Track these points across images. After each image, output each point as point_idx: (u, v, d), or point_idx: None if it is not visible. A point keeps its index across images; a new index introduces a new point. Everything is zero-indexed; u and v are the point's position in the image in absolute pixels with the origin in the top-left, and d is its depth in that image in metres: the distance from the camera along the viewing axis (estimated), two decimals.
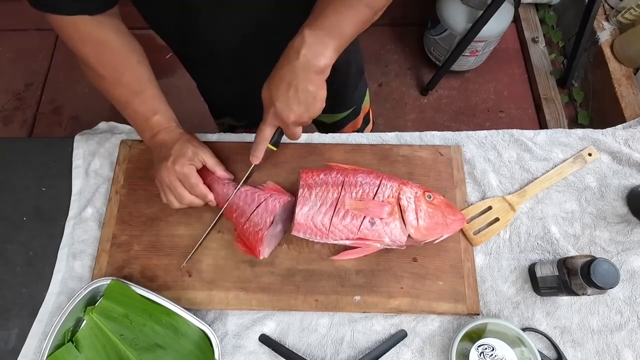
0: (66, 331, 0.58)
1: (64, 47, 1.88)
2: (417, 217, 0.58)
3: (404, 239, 0.58)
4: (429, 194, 0.60)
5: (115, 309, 0.59)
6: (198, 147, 0.61)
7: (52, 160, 0.73)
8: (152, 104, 0.61)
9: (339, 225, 0.58)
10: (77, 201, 0.70)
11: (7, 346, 0.62)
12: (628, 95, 1.46)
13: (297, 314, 0.62)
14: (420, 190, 0.60)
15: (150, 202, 0.68)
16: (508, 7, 1.50)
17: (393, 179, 0.61)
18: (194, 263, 0.64)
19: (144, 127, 0.62)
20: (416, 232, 0.58)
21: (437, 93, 1.77)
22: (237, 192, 0.63)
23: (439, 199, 0.61)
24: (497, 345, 0.56)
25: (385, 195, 0.59)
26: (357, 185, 0.60)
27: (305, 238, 0.60)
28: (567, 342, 0.61)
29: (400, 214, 0.59)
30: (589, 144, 0.72)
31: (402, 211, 0.59)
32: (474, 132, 0.74)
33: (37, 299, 0.64)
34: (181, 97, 1.80)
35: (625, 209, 0.68)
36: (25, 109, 1.79)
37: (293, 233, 0.60)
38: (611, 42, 1.54)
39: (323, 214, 0.59)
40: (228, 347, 0.61)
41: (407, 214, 0.58)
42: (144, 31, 0.68)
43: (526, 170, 0.70)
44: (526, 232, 0.67)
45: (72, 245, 0.67)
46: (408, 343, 0.61)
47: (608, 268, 0.52)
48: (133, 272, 0.64)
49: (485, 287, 0.64)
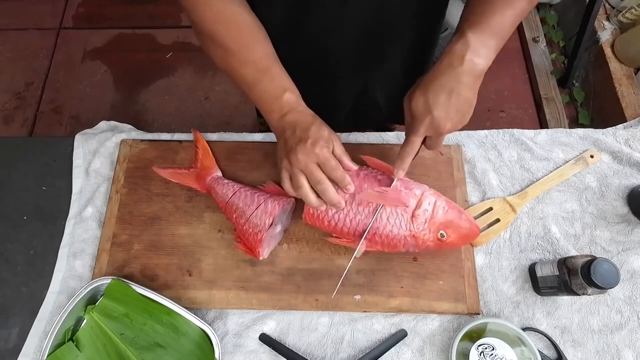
0: (67, 330, 0.58)
1: (65, 46, 1.90)
2: (424, 240, 0.58)
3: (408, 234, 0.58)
4: (443, 232, 0.58)
5: (115, 308, 0.59)
6: (332, 132, 0.56)
7: (53, 160, 0.73)
8: (281, 81, 0.57)
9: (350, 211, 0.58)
10: (78, 200, 0.70)
11: (8, 345, 0.62)
12: (629, 95, 1.46)
13: (297, 313, 0.62)
14: (434, 228, 0.58)
15: (151, 202, 0.68)
16: None
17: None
18: (194, 262, 0.64)
19: (272, 107, 0.57)
20: (418, 240, 0.58)
21: None
22: (237, 192, 0.63)
23: (453, 236, 0.58)
24: (497, 345, 0.56)
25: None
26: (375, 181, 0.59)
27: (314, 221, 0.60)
28: (567, 341, 0.61)
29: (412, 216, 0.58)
30: (589, 143, 0.72)
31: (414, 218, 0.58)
32: (475, 131, 0.74)
33: (37, 298, 0.64)
34: (182, 97, 1.80)
35: (626, 208, 0.68)
36: (25, 108, 1.79)
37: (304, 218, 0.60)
38: (612, 41, 1.53)
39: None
40: (228, 347, 0.61)
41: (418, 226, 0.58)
42: (145, 30, 0.68)
43: (527, 170, 0.70)
44: (526, 232, 0.67)
45: (72, 244, 0.67)
46: (408, 342, 0.61)
47: (608, 268, 0.52)
48: (133, 272, 0.64)
49: (485, 287, 0.64)
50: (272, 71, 0.56)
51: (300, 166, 0.53)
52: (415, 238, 0.58)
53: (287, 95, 0.56)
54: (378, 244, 0.59)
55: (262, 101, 0.57)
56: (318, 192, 0.54)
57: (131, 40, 1.91)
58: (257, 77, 0.56)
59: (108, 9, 1.98)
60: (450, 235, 0.58)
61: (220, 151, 0.71)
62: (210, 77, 1.83)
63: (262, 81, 0.56)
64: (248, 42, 0.55)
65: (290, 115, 0.56)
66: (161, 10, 1.96)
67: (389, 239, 0.58)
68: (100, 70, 1.85)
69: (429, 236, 0.58)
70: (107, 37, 1.92)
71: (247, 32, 0.55)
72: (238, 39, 0.55)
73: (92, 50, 1.90)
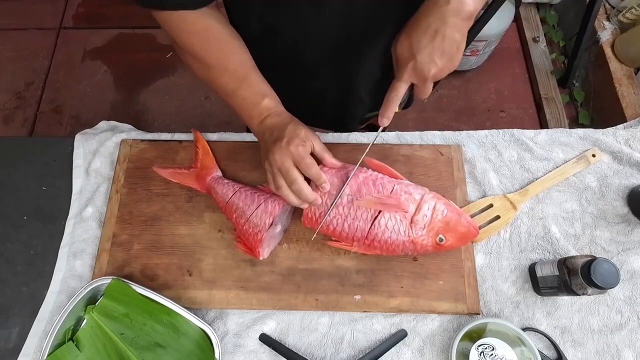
0: (67, 330, 0.58)
1: (65, 46, 1.90)
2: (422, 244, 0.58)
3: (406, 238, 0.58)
4: (442, 237, 0.58)
5: (115, 308, 0.59)
6: (309, 131, 0.57)
7: (53, 160, 0.73)
8: (259, 87, 0.59)
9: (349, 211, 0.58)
10: (78, 200, 0.70)
11: (8, 345, 0.62)
12: (629, 95, 1.46)
13: (297, 313, 0.62)
14: (434, 233, 0.58)
15: (151, 202, 0.68)
16: (509, 7, 1.50)
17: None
18: (195, 262, 0.64)
19: (252, 113, 0.59)
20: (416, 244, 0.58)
21: (438, 92, 1.77)
22: (237, 192, 0.63)
23: (451, 240, 0.58)
24: (497, 345, 0.56)
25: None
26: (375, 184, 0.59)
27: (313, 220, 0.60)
28: (567, 342, 0.61)
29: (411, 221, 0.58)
30: (589, 143, 0.72)
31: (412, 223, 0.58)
32: (475, 131, 0.74)
33: (37, 297, 0.64)
34: (182, 96, 1.80)
35: (626, 208, 0.68)
36: (25, 108, 1.79)
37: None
38: (612, 41, 1.53)
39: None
40: (228, 347, 0.61)
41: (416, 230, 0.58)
42: (145, 30, 0.68)
43: (527, 170, 0.70)
44: (526, 232, 0.67)
45: (72, 244, 0.67)
46: (408, 342, 0.61)
47: (608, 268, 0.52)
48: (133, 272, 0.64)
49: (485, 287, 0.64)
50: (250, 79, 0.58)
51: (277, 165, 0.54)
52: (414, 243, 0.58)
53: (266, 101, 0.58)
54: (377, 248, 0.59)
55: (242, 108, 0.59)
56: (294, 192, 0.55)
57: (131, 40, 1.91)
58: (235, 85, 0.57)
59: (108, 9, 1.98)
60: (449, 239, 0.58)
61: (221, 151, 0.71)
62: None
63: (241, 89, 0.57)
64: (224, 53, 0.56)
65: (269, 119, 0.57)
66: None
67: (387, 244, 0.58)
68: (100, 70, 1.85)
69: (427, 241, 0.58)
70: (107, 37, 1.92)
71: (222, 43, 0.56)
72: (214, 50, 0.56)
73: (92, 50, 1.90)
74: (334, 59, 0.66)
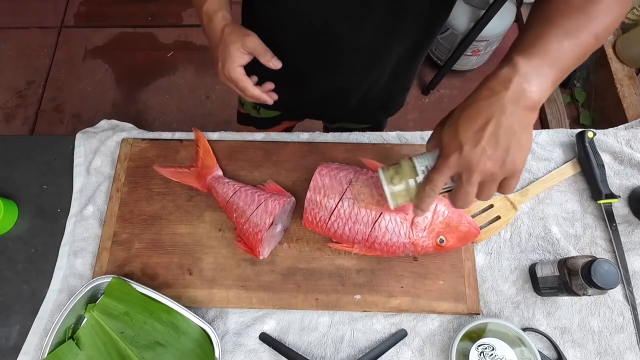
0: (67, 328, 0.58)
1: (66, 45, 1.90)
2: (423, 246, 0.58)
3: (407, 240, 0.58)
4: (442, 238, 0.58)
5: (116, 306, 0.59)
6: (238, 40, 0.57)
7: (54, 158, 0.73)
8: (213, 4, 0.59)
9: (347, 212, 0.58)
10: (78, 199, 0.70)
11: (8, 343, 0.62)
12: (630, 96, 1.46)
13: (297, 313, 0.63)
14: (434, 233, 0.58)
15: (151, 200, 0.68)
16: (510, 7, 1.50)
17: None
18: (195, 261, 0.64)
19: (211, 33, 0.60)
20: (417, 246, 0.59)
21: (439, 93, 1.77)
22: (237, 191, 0.63)
23: (452, 240, 0.58)
24: (497, 345, 0.56)
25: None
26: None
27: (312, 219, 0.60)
28: (567, 342, 0.61)
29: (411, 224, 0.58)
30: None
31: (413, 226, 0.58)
32: None
33: (38, 296, 0.64)
34: (183, 95, 1.81)
35: (627, 209, 0.68)
36: (26, 107, 1.79)
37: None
38: (613, 42, 1.53)
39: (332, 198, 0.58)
40: (228, 346, 0.61)
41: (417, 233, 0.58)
42: (146, 29, 0.68)
43: (527, 170, 0.70)
44: (527, 232, 0.67)
45: (73, 242, 0.67)
46: (408, 342, 0.61)
47: (609, 268, 0.52)
48: (134, 270, 0.64)
49: (485, 287, 0.64)
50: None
51: (225, 83, 0.62)
52: (415, 245, 0.58)
53: (221, 13, 0.59)
54: (377, 250, 0.59)
55: (203, 29, 0.62)
56: (248, 97, 0.61)
57: (132, 39, 1.92)
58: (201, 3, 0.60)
59: (109, 8, 1.98)
60: (450, 240, 0.58)
61: (221, 150, 0.71)
62: (211, 76, 1.83)
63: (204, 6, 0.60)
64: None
65: (209, 27, 0.60)
66: (162, 9, 1.96)
67: (388, 246, 0.58)
68: (101, 69, 1.86)
69: (428, 243, 0.58)
70: (109, 36, 1.93)
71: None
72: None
73: (93, 49, 1.90)
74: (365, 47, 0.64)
